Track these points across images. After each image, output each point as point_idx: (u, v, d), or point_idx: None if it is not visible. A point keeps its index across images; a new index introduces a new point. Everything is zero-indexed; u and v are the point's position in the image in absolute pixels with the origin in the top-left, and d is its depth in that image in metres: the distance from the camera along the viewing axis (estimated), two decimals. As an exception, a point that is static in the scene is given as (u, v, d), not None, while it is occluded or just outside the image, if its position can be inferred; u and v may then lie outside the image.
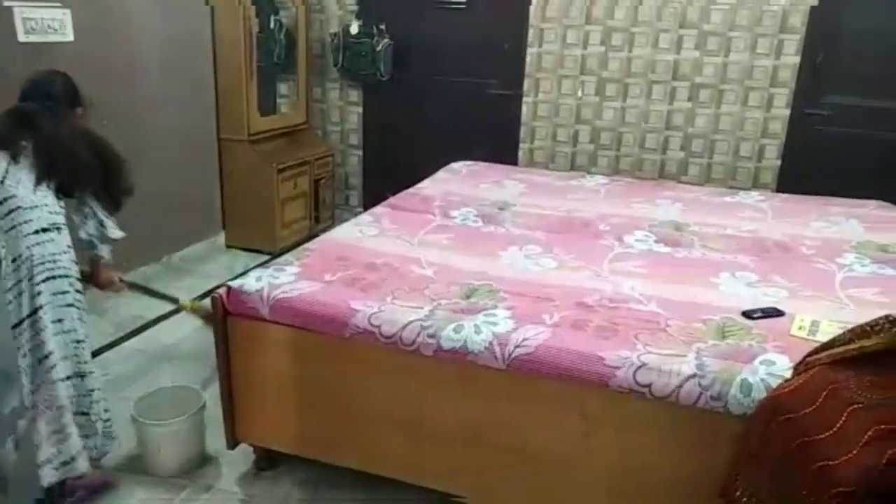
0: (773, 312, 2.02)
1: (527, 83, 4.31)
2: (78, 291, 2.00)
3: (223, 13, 4.01)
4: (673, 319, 1.97)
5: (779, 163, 3.97)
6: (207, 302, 2.22)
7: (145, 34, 3.58)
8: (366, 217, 2.88)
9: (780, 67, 3.83)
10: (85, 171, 2.04)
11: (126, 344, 3.13)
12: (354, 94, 4.76)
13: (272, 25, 4.52)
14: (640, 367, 1.73)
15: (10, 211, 1.89)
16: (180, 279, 3.81)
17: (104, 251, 2.19)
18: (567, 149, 4.36)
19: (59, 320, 1.94)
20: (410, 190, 3.32)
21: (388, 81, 4.52)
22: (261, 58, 4.28)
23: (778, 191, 3.90)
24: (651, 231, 2.78)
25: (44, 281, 1.90)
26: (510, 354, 1.81)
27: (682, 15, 3.91)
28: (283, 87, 4.79)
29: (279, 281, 2.11)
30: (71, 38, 3.11)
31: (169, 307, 3.30)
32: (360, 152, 4.89)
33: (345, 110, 4.83)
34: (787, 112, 3.88)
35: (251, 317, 2.07)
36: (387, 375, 1.98)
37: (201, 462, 2.34)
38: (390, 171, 4.72)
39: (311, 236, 4.67)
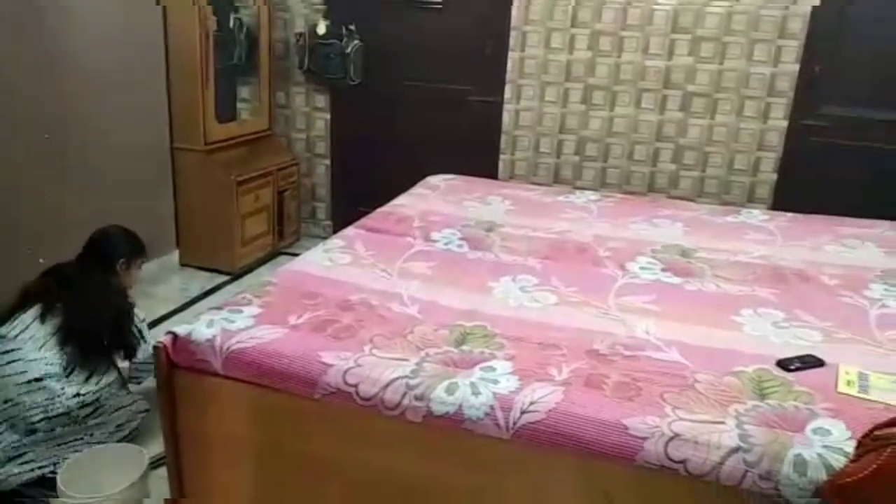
0: (811, 362, 1.75)
1: (508, 89, 4.02)
2: None
3: (176, 11, 3.63)
4: (700, 373, 1.69)
5: (775, 177, 3.75)
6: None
7: (85, 32, 3.19)
8: (336, 241, 2.54)
9: (777, 76, 3.60)
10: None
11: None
12: (321, 100, 4.42)
13: (232, 24, 4.15)
14: (672, 439, 1.44)
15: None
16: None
17: None
18: (550, 160, 4.08)
19: None
20: (385, 208, 2.99)
21: (358, 86, 4.19)
22: (219, 60, 3.91)
23: (774, 206, 3.68)
24: (655, 257, 2.50)
25: None
26: (515, 422, 1.50)
27: (674, 19, 3.66)
28: (243, 91, 4.43)
29: (235, 326, 1.78)
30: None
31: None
32: (328, 162, 4.54)
33: (311, 117, 4.48)
34: (785, 123, 3.66)
35: (202, 371, 1.74)
36: (366, 445, 1.65)
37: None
38: (361, 181, 4.41)
39: (275, 253, 4.33)
